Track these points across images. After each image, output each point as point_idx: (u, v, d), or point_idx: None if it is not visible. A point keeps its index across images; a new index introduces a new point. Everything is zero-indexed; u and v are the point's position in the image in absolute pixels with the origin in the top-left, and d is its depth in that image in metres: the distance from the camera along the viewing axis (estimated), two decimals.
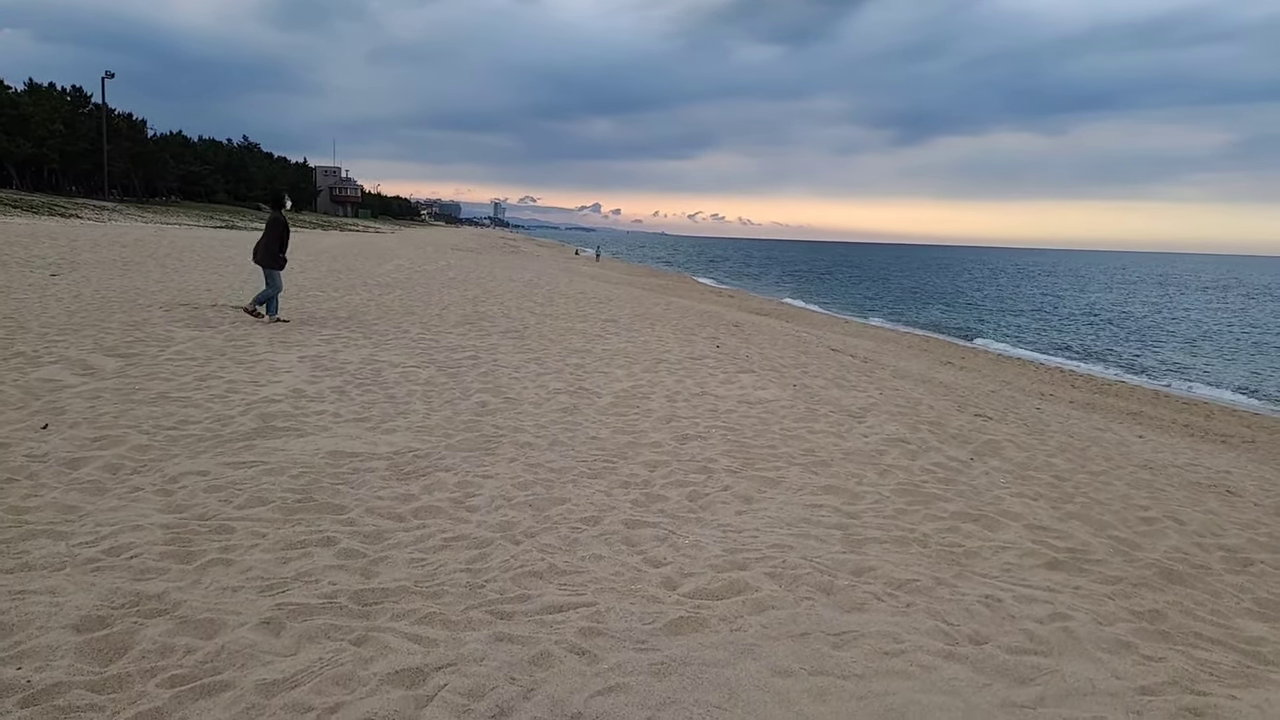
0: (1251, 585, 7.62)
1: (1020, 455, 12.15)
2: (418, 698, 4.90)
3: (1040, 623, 6.36)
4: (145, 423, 10.54)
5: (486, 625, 5.86)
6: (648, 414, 12.81)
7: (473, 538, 7.41)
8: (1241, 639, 6.28)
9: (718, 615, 6.22)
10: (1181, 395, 30.43)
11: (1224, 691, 5.45)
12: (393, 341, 18.08)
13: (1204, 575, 7.73)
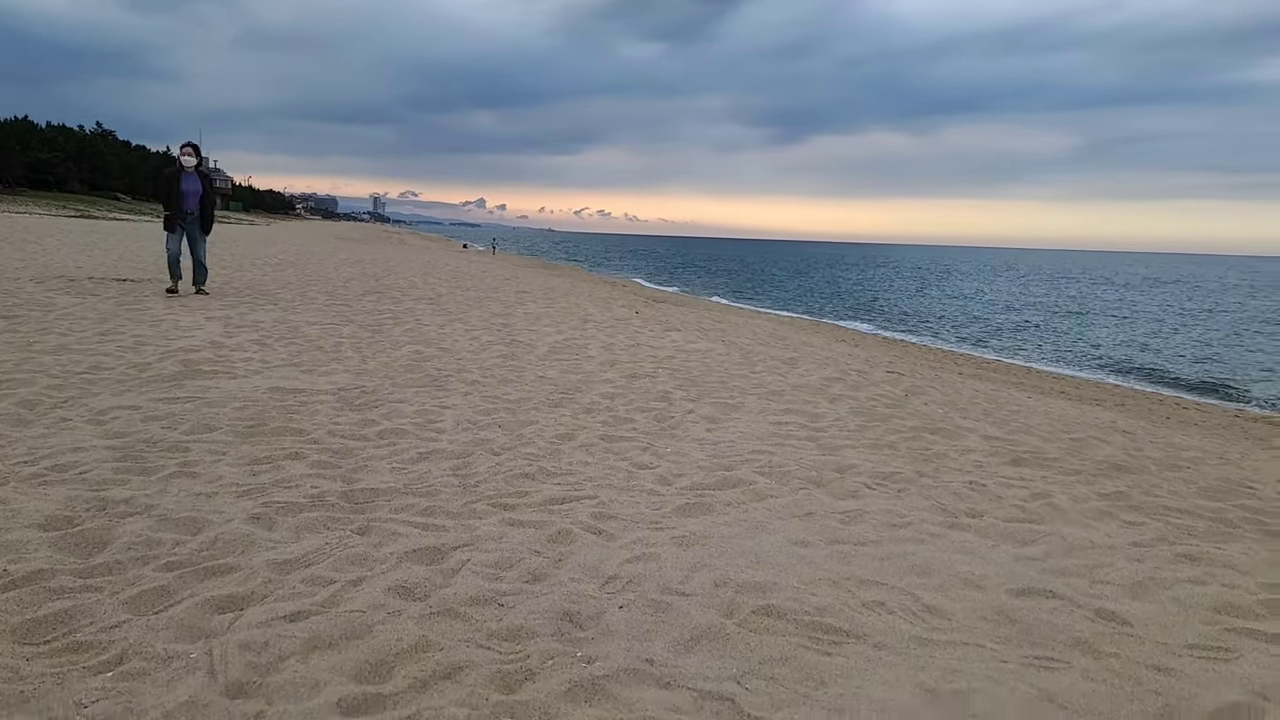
0: (1190, 479, 8.14)
1: (946, 396, 12.64)
2: (444, 570, 4.65)
3: (1025, 501, 6.61)
4: (52, 369, 9.64)
5: (492, 515, 5.63)
6: (589, 359, 12.66)
7: (449, 451, 7.12)
8: (1204, 511, 6.71)
9: (721, 502, 6.18)
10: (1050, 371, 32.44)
11: (1209, 544, 5.80)
12: (302, 307, 17.24)
13: (1147, 471, 8.22)
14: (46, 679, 3.38)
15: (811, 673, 3.74)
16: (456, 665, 3.65)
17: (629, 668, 3.70)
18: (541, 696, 3.43)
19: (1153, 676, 3.84)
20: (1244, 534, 6.13)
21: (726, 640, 4.00)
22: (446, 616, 4.09)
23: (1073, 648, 4.12)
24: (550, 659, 3.76)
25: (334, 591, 4.29)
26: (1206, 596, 4.81)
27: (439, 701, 3.34)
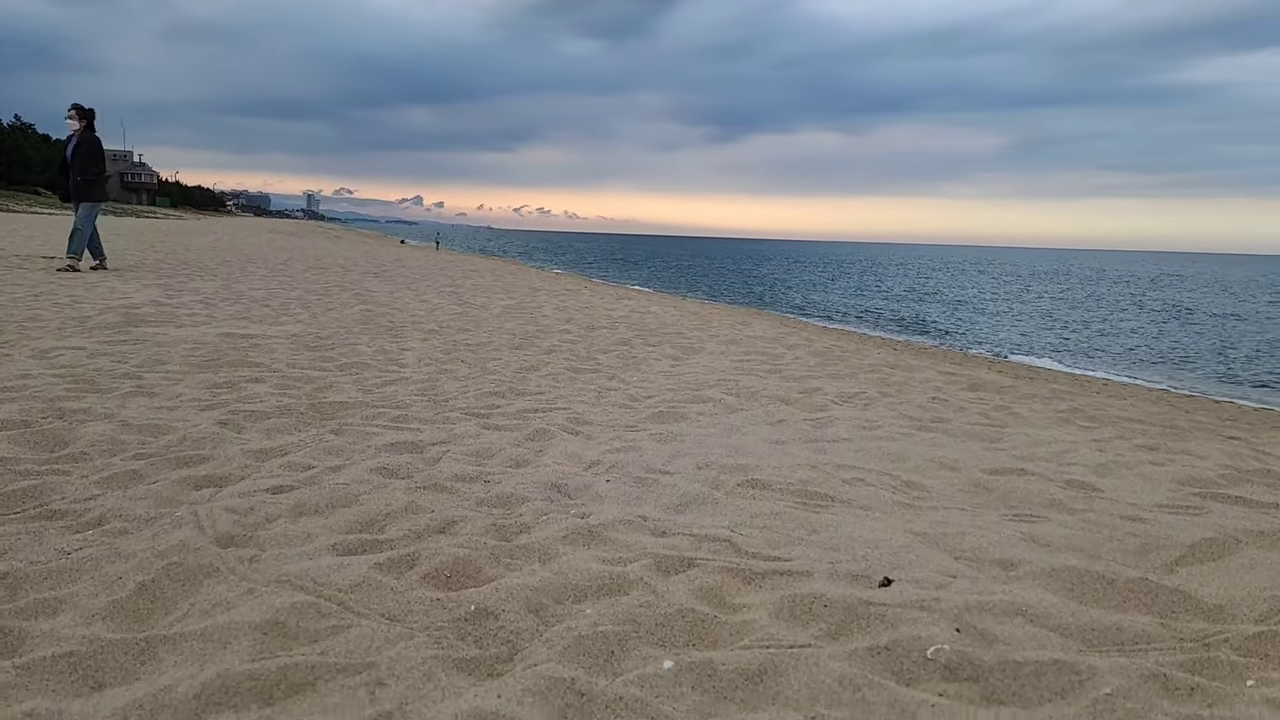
0: (1135, 404, 8.46)
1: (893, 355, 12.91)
2: (425, 458, 4.59)
3: (987, 412, 6.79)
4: None
5: (467, 421, 5.56)
6: (544, 317, 12.60)
7: (414, 379, 7.01)
8: (1155, 419, 6.97)
9: (694, 412, 6.21)
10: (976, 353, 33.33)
11: (1167, 444, 6.02)
12: (243, 278, 16.79)
13: (1093, 398, 8.51)
14: (22, 536, 3.23)
15: (802, 524, 3.79)
16: (450, 520, 3.60)
17: (624, 519, 3.69)
18: (540, 540, 3.40)
19: (1127, 525, 3.98)
20: (1196, 436, 6.39)
21: (716, 504, 4.03)
22: (433, 490, 4.03)
23: (1048, 507, 4.25)
24: (544, 515, 3.73)
25: (314, 474, 4.19)
26: (1169, 473, 5.00)
27: (437, 545, 3.29)
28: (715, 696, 2.38)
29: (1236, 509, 4.29)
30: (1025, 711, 2.31)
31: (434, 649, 2.53)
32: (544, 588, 2.95)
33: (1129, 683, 2.38)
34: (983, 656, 2.55)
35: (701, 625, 2.75)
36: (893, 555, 3.44)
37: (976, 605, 2.95)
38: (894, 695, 2.34)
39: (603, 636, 2.61)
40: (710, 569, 3.18)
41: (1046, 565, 3.33)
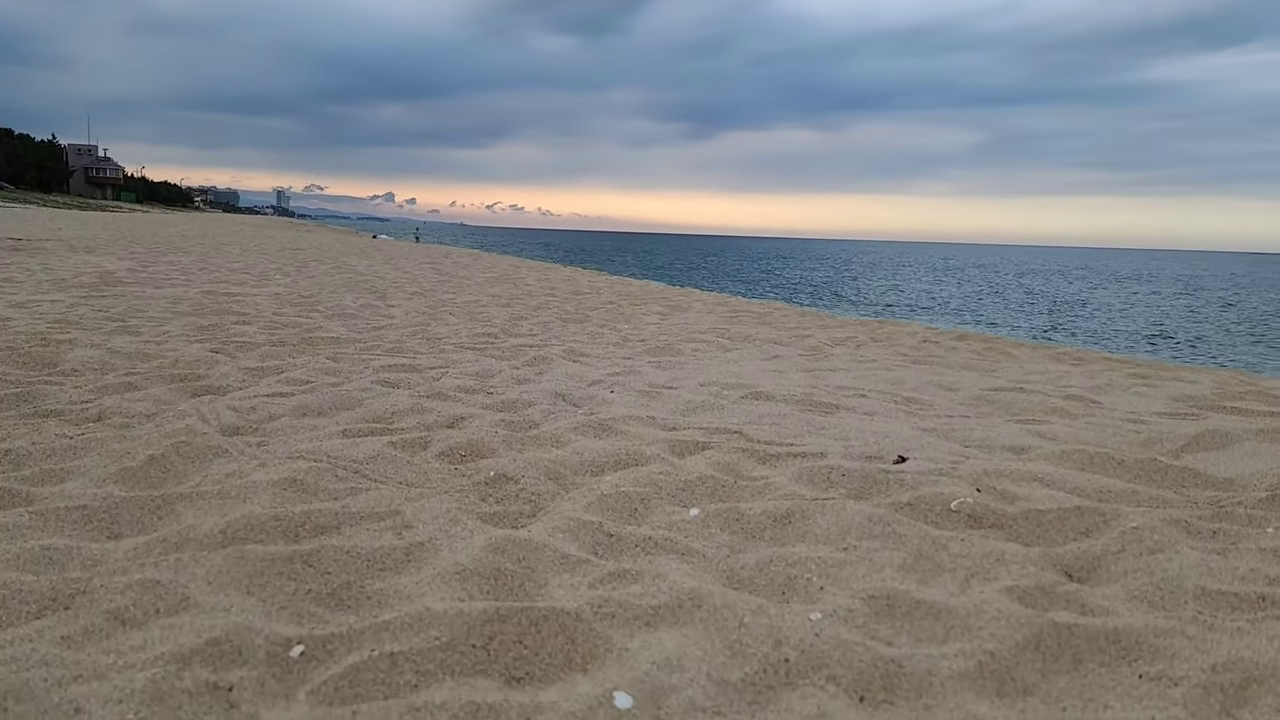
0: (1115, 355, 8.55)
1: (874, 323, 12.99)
2: (424, 377, 4.53)
3: (978, 352, 6.84)
4: None
5: (464, 352, 5.51)
6: (528, 284, 12.55)
7: (403, 325, 6.94)
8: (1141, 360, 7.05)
9: (689, 349, 6.20)
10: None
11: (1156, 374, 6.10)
12: (218, 256, 16.55)
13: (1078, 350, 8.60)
14: (20, 428, 3.15)
15: (809, 424, 3.78)
16: (459, 417, 3.56)
17: (633, 416, 3.67)
18: (550, 431, 3.37)
19: (1130, 425, 4.02)
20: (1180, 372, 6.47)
21: (722, 409, 4.01)
22: (437, 398, 3.98)
23: (1050, 414, 4.28)
24: (551, 413, 3.70)
25: (314, 386, 4.13)
26: (1163, 392, 5.06)
27: (448, 433, 3.25)
28: (744, 536, 2.37)
29: (1233, 416, 4.35)
30: (1053, 549, 2.32)
31: (457, 503, 2.50)
32: (562, 461, 2.93)
33: (1153, 523, 2.40)
34: (1005, 509, 2.56)
35: (723, 488, 2.73)
36: (904, 443, 3.44)
37: (994, 472, 2.96)
38: (924, 531, 2.34)
39: (625, 496, 2.59)
40: (725, 449, 3.16)
41: (1056, 450, 3.35)
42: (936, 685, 1.58)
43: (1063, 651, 1.70)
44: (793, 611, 1.83)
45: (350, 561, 2.00)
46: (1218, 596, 1.95)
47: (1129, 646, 1.71)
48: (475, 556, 2.02)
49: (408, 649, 1.61)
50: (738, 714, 1.48)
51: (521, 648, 1.67)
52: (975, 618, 1.82)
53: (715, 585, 1.96)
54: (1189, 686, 1.56)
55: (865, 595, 1.94)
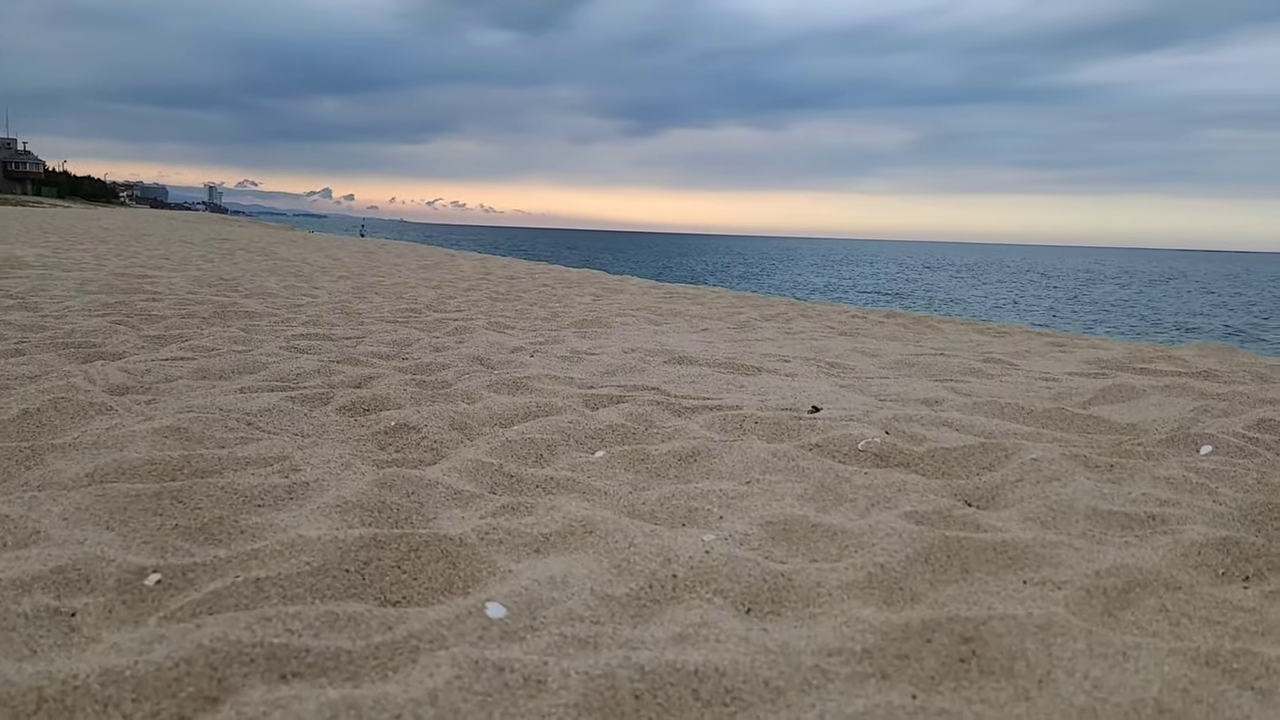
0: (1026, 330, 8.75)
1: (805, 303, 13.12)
2: (337, 345, 4.39)
3: (905, 324, 6.94)
4: None
5: (384, 324, 5.36)
6: (462, 270, 12.36)
7: (326, 302, 6.74)
8: (1050, 334, 7.22)
9: (618, 323, 6.14)
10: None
11: (1073, 342, 6.24)
12: (139, 244, 15.96)
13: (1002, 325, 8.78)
14: None
15: (730, 383, 3.76)
16: (368, 378, 3.45)
17: (549, 375, 3.60)
18: (463, 390, 3.28)
19: (1042, 383, 4.09)
20: (1094, 340, 6.64)
21: (643, 371, 3.97)
22: (347, 363, 3.86)
23: (969, 374, 4.33)
24: (466, 374, 3.62)
25: (218, 353, 3.96)
26: (1078, 356, 5.17)
27: (354, 391, 3.14)
28: (649, 475, 2.32)
29: (1141, 375, 4.45)
30: (955, 481, 2.32)
31: (352, 450, 2.40)
32: (469, 413, 2.84)
33: (1052, 456, 2.42)
34: (912, 448, 2.56)
35: (633, 435, 2.69)
36: (820, 396, 3.44)
37: (904, 418, 2.97)
38: (828, 466, 2.32)
39: (531, 442, 2.52)
40: (640, 403, 3.12)
41: (969, 402, 3.39)
42: (824, 595, 1.55)
43: (952, 563, 1.69)
44: (686, 535, 1.79)
45: (225, 498, 1.90)
46: (1108, 516, 1.96)
47: (1016, 557, 1.71)
48: (361, 491, 1.93)
49: (275, 574, 1.52)
50: (618, 624, 1.43)
51: (399, 572, 1.59)
52: (869, 536, 1.80)
53: (610, 514, 1.91)
54: (1072, 590, 1.56)
55: (763, 521, 1.91)
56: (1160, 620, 1.48)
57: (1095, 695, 1.16)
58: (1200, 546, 1.74)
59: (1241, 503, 2.05)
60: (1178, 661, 1.24)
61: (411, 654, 1.25)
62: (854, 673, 1.29)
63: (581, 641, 1.33)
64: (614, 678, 1.20)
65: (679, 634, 1.39)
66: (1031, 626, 1.36)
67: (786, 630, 1.41)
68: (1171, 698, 1.13)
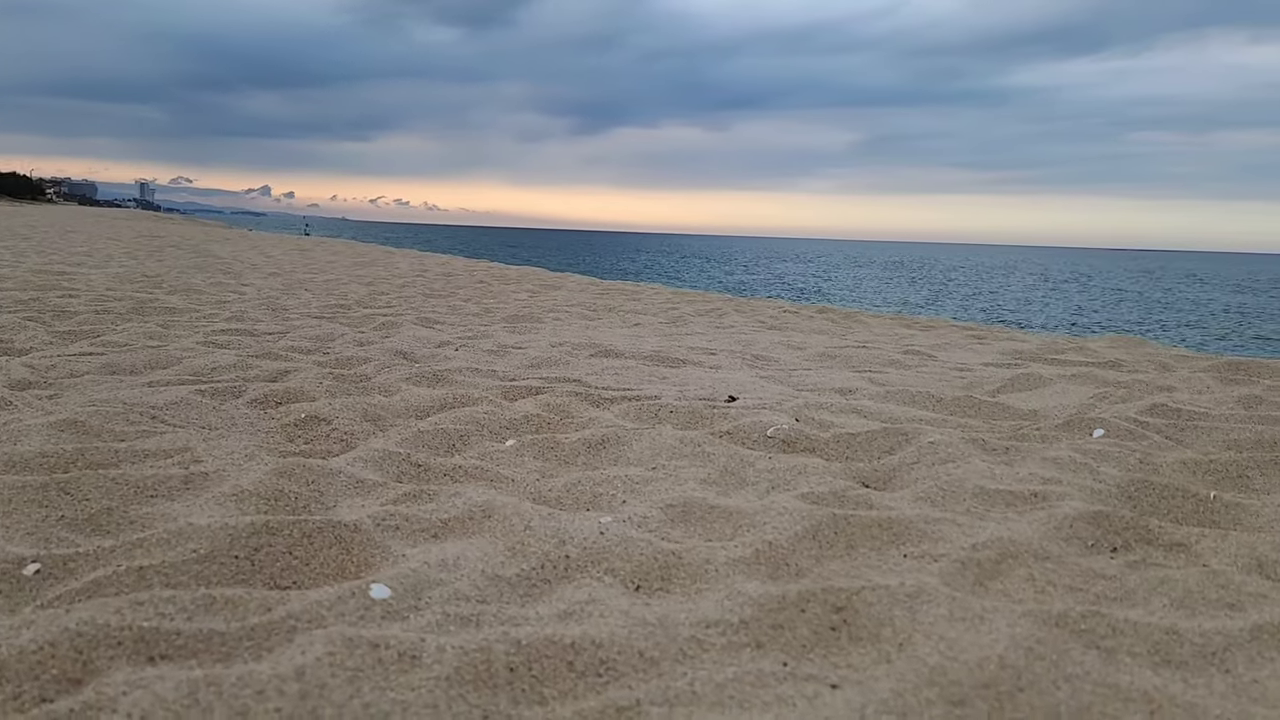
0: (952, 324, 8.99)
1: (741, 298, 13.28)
2: (260, 340, 4.32)
3: (833, 319, 7.05)
4: None
5: (309, 319, 5.29)
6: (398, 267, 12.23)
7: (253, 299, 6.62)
8: (974, 328, 7.43)
9: (550, 318, 6.15)
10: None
11: (994, 335, 6.42)
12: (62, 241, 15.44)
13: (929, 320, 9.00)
14: None
15: (652, 374, 3.80)
16: (284, 372, 3.41)
17: (472, 369, 3.60)
18: (381, 383, 3.26)
19: (956, 373, 4.21)
20: (1013, 332, 6.86)
21: (568, 364, 3.99)
22: (266, 358, 3.80)
23: (888, 365, 4.44)
24: (386, 368, 3.59)
25: (131, 349, 3.87)
26: (995, 348, 5.33)
27: (268, 385, 3.10)
28: (557, 462, 2.34)
29: (1051, 366, 4.62)
30: (855, 464, 2.39)
31: (259, 442, 2.38)
32: (384, 405, 2.83)
33: (951, 439, 2.50)
34: (819, 434, 2.62)
35: (547, 424, 2.70)
36: (740, 387, 3.50)
37: (815, 405, 3.04)
38: (733, 451, 2.37)
39: (443, 432, 2.53)
40: (558, 394, 3.13)
41: (882, 391, 3.48)
42: (712, 572, 1.60)
43: (838, 539, 1.75)
44: (584, 518, 1.82)
45: (116, 489, 1.87)
46: (994, 494, 2.04)
47: (900, 533, 1.77)
48: (259, 480, 1.92)
49: (159, 562, 1.50)
50: (504, 603, 1.45)
51: (290, 558, 1.59)
52: (763, 516, 1.85)
53: (512, 499, 1.92)
54: (948, 562, 1.63)
55: (664, 504, 1.95)
56: (1027, 588, 1.56)
57: (948, 655, 1.22)
58: (1073, 520, 1.83)
59: (1120, 480, 2.15)
60: (1028, 623, 1.30)
61: (288, 634, 1.25)
62: (729, 643, 1.33)
63: (464, 619, 1.35)
64: (490, 652, 1.22)
65: (564, 611, 1.42)
66: (901, 595, 1.42)
67: (670, 605, 1.45)
68: (1016, 655, 1.19)
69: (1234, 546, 1.73)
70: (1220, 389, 3.82)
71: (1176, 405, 3.21)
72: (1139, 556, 1.73)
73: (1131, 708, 1.12)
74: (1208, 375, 4.18)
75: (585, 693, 1.19)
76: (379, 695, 1.10)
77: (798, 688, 1.21)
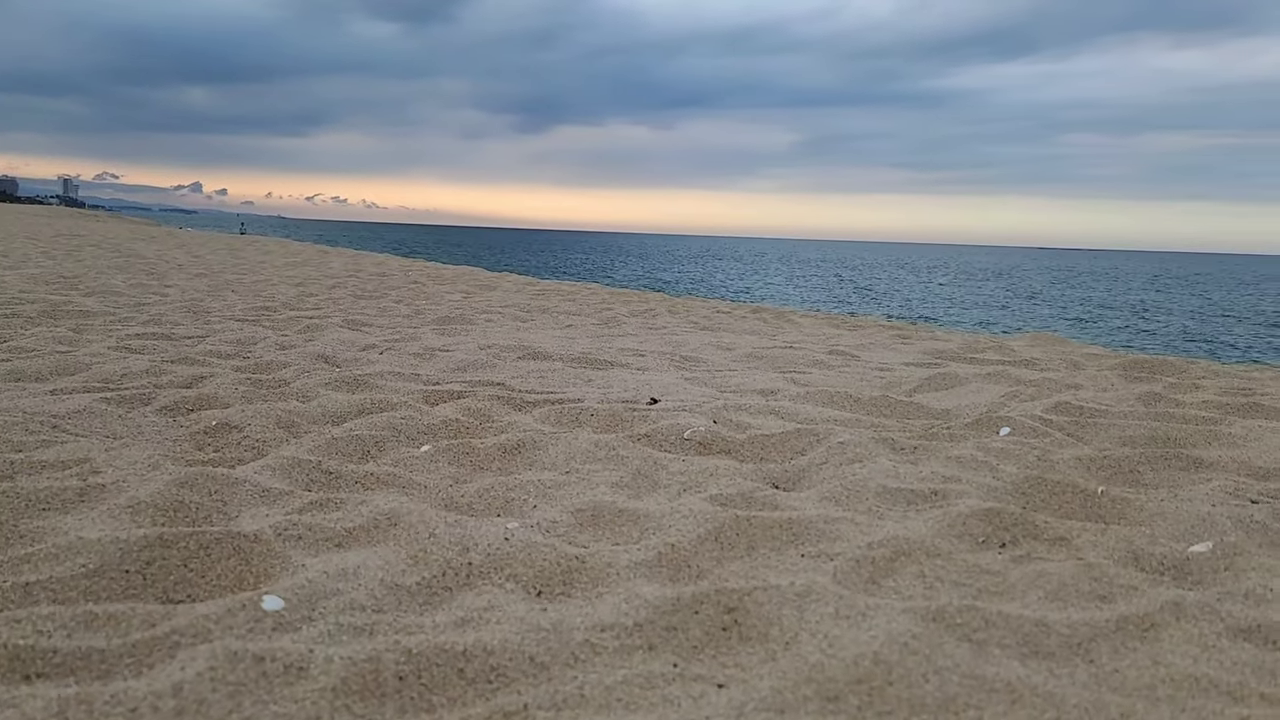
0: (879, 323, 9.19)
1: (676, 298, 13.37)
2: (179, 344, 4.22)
3: (765, 319, 7.15)
4: None
5: (232, 322, 5.18)
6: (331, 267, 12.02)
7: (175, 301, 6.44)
8: (900, 327, 7.61)
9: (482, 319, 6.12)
10: None
11: (918, 334, 6.59)
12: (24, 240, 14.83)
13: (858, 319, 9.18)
14: None
15: (578, 377, 3.82)
16: (199, 377, 3.34)
17: (395, 373, 3.57)
18: (300, 388, 3.22)
19: (877, 372, 4.31)
20: (936, 332, 7.04)
21: (494, 367, 3.98)
22: (182, 363, 3.71)
23: (812, 366, 4.53)
24: (306, 373, 3.54)
25: (38, 354, 3.75)
26: (918, 347, 5.47)
27: (181, 392, 3.03)
28: (471, 468, 2.35)
29: (969, 365, 4.76)
30: (766, 465, 2.44)
31: (164, 451, 2.33)
32: (300, 411, 2.80)
33: (860, 439, 2.57)
34: (735, 436, 2.67)
35: (465, 429, 2.70)
36: (663, 389, 3.54)
37: (734, 407, 3.09)
38: (647, 454, 2.40)
39: (358, 439, 2.51)
40: (480, 398, 3.13)
41: (802, 392, 3.55)
42: (613, 575, 1.62)
43: (740, 540, 1.79)
44: (490, 524, 1.82)
45: (6, 503, 1.81)
46: (896, 493, 2.11)
47: (799, 533, 1.82)
48: (157, 491, 1.88)
49: (46, 578, 1.47)
50: (401, 612, 1.46)
51: (186, 570, 1.57)
52: (670, 518, 1.88)
53: (420, 506, 1.92)
54: (843, 560, 1.68)
55: (574, 509, 1.97)
56: (916, 584, 1.62)
57: (828, 653, 1.26)
58: (966, 517, 1.90)
59: (1016, 477, 2.24)
60: (907, 619, 1.35)
61: (171, 650, 1.24)
62: (622, 646, 1.35)
63: (357, 629, 1.35)
64: (380, 661, 1.23)
65: (461, 618, 1.43)
66: (791, 595, 1.46)
67: (568, 609, 1.47)
68: (891, 651, 1.24)
69: (1112, 540, 1.82)
70: (1124, 386, 3.99)
71: (1080, 403, 3.34)
72: (1024, 551, 1.80)
73: (995, 698, 1.17)
74: (1114, 373, 4.36)
75: (474, 700, 1.20)
76: (260, 710, 1.10)
77: (685, 688, 1.24)
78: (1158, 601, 1.47)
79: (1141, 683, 1.24)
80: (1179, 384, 4.06)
